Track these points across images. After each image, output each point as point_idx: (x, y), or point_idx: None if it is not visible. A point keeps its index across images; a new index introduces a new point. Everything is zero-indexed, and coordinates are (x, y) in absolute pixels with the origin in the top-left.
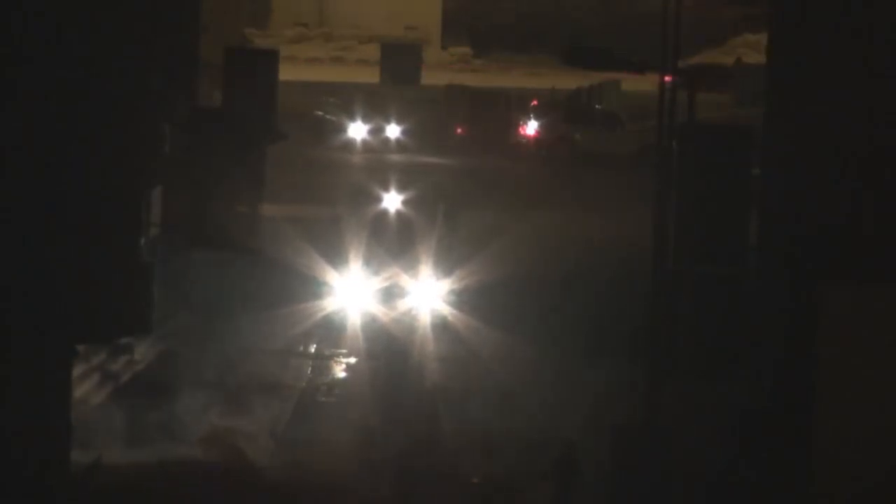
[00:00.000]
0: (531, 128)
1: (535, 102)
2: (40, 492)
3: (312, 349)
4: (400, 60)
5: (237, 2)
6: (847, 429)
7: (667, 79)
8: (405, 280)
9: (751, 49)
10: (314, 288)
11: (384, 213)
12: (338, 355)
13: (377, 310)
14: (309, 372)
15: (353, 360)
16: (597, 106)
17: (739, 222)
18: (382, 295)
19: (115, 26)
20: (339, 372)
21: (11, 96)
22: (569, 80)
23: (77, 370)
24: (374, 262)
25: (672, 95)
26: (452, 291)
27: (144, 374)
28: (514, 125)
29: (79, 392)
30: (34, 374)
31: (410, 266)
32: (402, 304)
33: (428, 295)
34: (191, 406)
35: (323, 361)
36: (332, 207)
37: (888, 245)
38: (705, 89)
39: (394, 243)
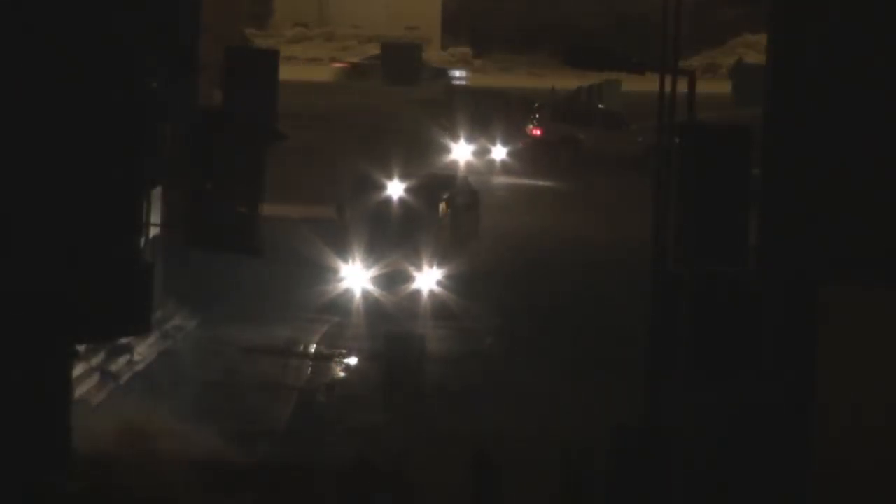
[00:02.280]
0: (533, 129)
1: (535, 105)
2: (41, 492)
3: (312, 349)
4: (400, 60)
5: (237, 2)
6: (847, 430)
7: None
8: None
9: (751, 49)
10: (315, 284)
11: (387, 202)
12: (338, 355)
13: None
14: (309, 372)
15: (352, 360)
16: (599, 105)
17: (739, 222)
18: (384, 282)
19: (115, 27)
20: (339, 372)
21: (12, 96)
22: (569, 80)
23: (77, 370)
24: (376, 251)
25: (672, 95)
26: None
27: (144, 374)
28: (516, 126)
29: (79, 392)
30: (34, 374)
31: (412, 255)
32: (404, 291)
33: (428, 282)
34: (190, 406)
35: (323, 362)
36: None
37: (888, 246)
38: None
39: (396, 233)
